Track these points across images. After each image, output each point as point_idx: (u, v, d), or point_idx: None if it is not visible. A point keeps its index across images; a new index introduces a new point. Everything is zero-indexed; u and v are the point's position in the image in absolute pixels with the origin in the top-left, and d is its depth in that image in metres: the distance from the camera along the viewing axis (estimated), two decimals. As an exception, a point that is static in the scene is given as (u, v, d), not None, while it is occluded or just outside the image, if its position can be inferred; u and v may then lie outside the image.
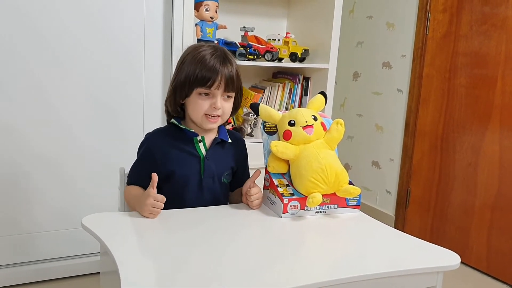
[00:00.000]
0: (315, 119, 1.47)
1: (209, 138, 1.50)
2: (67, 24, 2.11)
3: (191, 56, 1.43)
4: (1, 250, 2.17)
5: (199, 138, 1.47)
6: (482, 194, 2.66)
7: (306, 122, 1.45)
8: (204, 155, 1.47)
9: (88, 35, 2.15)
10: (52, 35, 2.09)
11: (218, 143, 1.50)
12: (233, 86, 1.43)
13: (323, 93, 1.55)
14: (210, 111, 1.42)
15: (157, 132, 1.51)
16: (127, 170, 1.56)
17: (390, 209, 3.23)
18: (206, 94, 1.41)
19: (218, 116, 1.43)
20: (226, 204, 1.55)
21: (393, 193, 3.21)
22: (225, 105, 1.44)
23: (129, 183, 1.50)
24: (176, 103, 1.46)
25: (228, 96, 1.45)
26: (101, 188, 2.27)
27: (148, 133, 1.51)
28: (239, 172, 1.58)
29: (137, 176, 1.47)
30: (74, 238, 2.26)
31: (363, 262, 1.17)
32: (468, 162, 2.72)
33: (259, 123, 2.73)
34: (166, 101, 1.49)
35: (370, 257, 1.20)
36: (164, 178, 1.43)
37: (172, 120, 1.49)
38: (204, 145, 1.48)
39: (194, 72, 1.39)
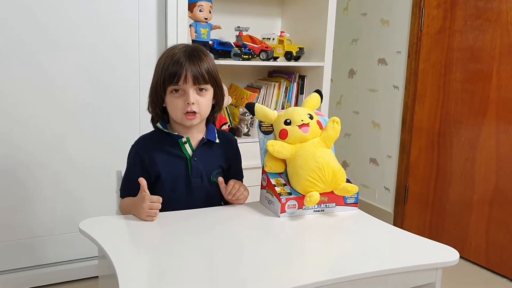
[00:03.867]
0: (311, 117, 1.47)
1: (196, 138, 1.49)
2: (60, 23, 2.10)
3: (160, 59, 1.45)
4: (0, 256, 2.16)
5: (184, 139, 1.47)
6: (480, 189, 2.66)
7: (302, 121, 1.44)
8: (191, 156, 1.47)
9: (79, 39, 2.14)
10: (51, 35, 2.08)
11: (205, 143, 1.50)
12: (204, 78, 1.40)
13: (319, 92, 1.54)
14: (185, 107, 1.40)
15: (142, 138, 1.52)
16: (124, 173, 1.56)
17: (388, 206, 3.23)
18: (177, 90, 1.41)
19: (195, 112, 1.41)
20: (220, 202, 1.55)
21: (391, 189, 3.21)
22: (199, 100, 1.41)
23: (123, 196, 1.49)
24: (156, 107, 1.47)
25: (202, 89, 1.42)
26: (98, 192, 2.26)
27: (134, 142, 1.51)
28: (232, 171, 1.57)
29: (129, 187, 1.45)
30: (72, 243, 2.25)
31: (362, 260, 1.17)
32: (466, 157, 2.72)
33: (256, 123, 2.72)
34: (148, 107, 1.50)
35: (369, 255, 1.20)
36: (153, 181, 1.45)
37: (157, 124, 1.50)
38: (190, 145, 1.48)
39: (162, 71, 1.40)
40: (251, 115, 2.58)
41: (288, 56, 2.70)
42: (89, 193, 2.27)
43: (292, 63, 2.71)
